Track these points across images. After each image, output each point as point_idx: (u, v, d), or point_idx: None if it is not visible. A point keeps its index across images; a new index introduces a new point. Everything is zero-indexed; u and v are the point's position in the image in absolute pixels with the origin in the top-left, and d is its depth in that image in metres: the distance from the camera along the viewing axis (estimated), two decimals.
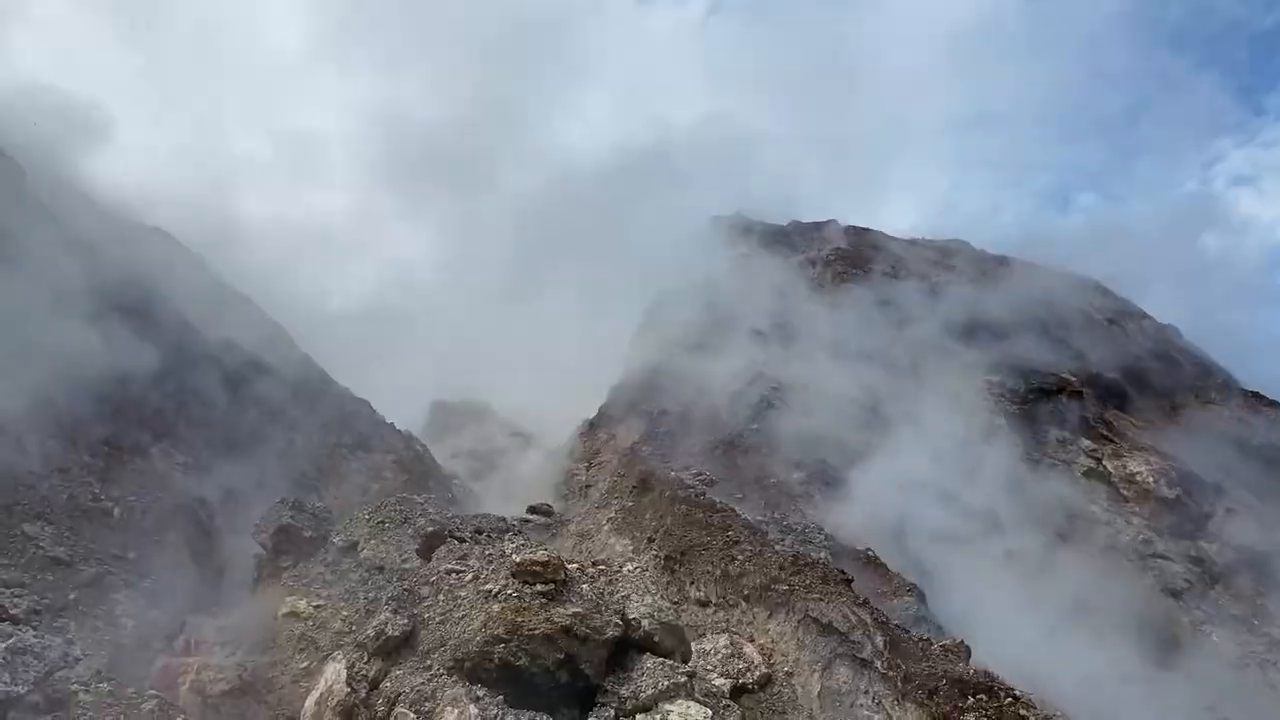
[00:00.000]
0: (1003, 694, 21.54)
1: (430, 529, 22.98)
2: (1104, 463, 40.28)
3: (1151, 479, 39.55)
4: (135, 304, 31.92)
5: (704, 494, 31.90)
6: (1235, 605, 35.73)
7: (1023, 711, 20.89)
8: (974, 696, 21.29)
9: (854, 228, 58.84)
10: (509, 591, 19.76)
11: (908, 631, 24.37)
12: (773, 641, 24.53)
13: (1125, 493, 39.30)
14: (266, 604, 22.77)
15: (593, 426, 42.94)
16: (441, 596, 20.45)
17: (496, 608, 19.27)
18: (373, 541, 23.79)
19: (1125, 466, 40.23)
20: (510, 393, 49.70)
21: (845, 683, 22.28)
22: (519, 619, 19.01)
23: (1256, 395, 48.06)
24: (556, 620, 19.22)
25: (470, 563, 21.38)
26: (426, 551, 22.61)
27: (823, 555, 29.02)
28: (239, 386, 34.09)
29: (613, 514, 33.03)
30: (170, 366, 31.33)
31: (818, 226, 58.76)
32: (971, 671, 22.50)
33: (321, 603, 22.01)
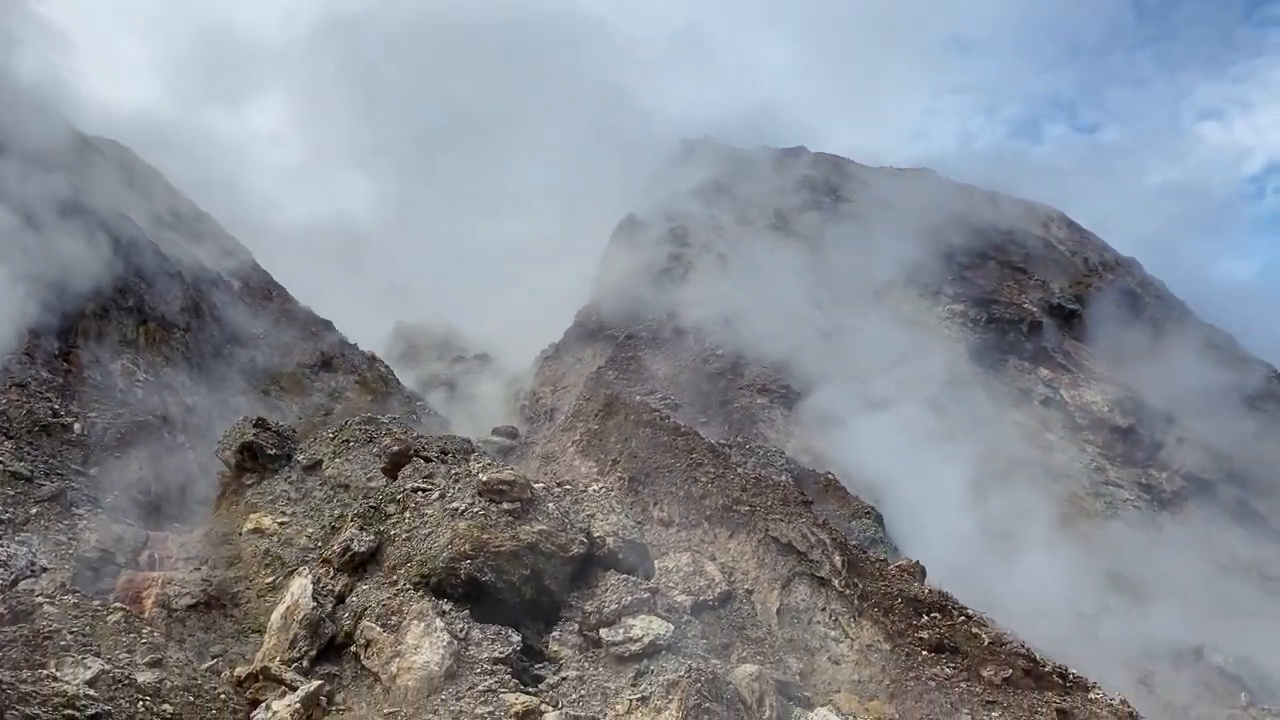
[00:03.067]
0: (956, 613, 22.24)
1: (396, 448, 22.92)
2: (1061, 392, 41.05)
3: (1106, 408, 40.42)
4: (92, 217, 31.17)
5: (668, 418, 32.19)
6: (1181, 530, 36.84)
7: (975, 629, 21.59)
8: (928, 615, 21.95)
9: (823, 154, 58.59)
10: (475, 509, 19.90)
11: (865, 552, 24.94)
12: (733, 560, 25.04)
13: (1080, 421, 40.13)
14: (230, 521, 22.79)
15: (558, 350, 42.98)
16: (408, 514, 20.54)
17: (463, 525, 19.44)
18: (337, 460, 23.74)
19: (1081, 395, 41.04)
20: (475, 315, 49.42)
21: (803, 600, 22.86)
22: (485, 536, 19.19)
23: (1211, 327, 48.99)
24: (523, 537, 19.42)
25: (436, 481, 21.44)
26: (392, 470, 22.62)
27: (784, 478, 29.51)
28: (199, 303, 33.61)
29: (578, 437, 33.29)
30: (129, 281, 30.76)
31: (787, 152, 58.41)
32: (926, 591, 23.15)
33: (286, 519, 22.05)
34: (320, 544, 20.95)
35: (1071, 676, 19.76)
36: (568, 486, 23.11)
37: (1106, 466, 38.64)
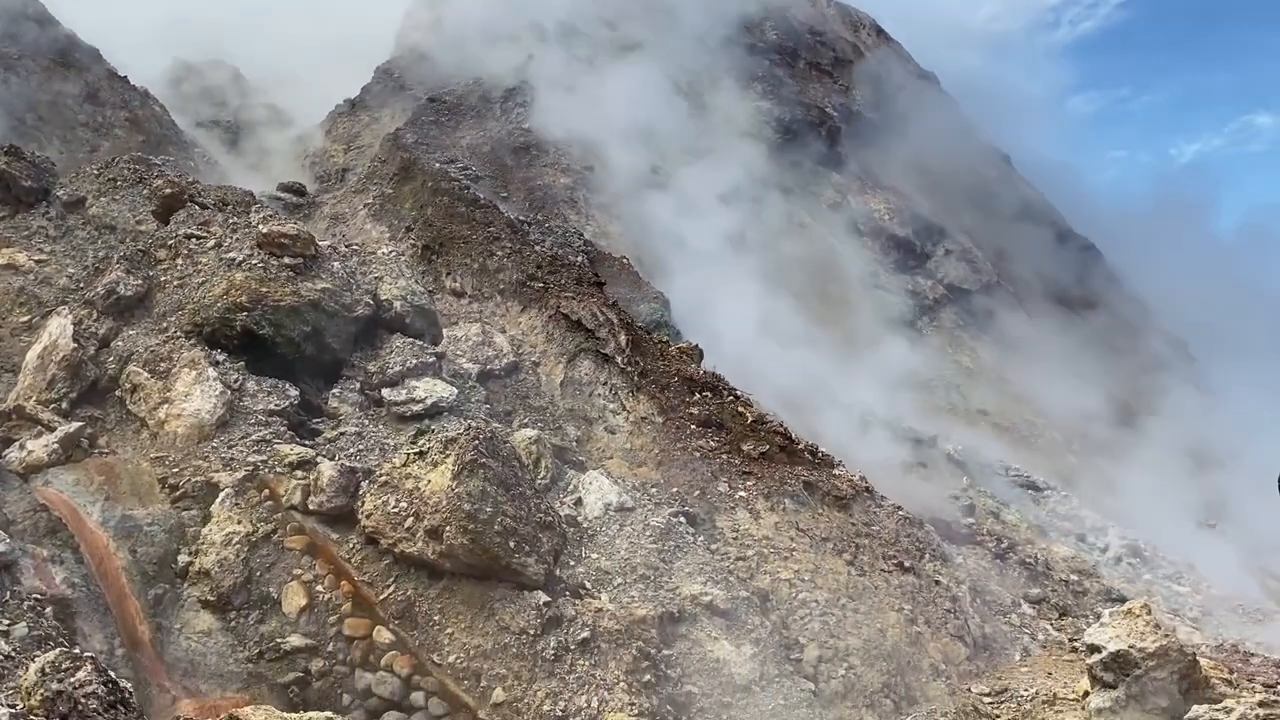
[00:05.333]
0: (725, 393, 23.67)
1: (168, 190, 21.44)
2: (849, 198, 42.76)
3: (887, 217, 42.55)
4: None
5: (468, 188, 31.50)
6: (936, 335, 40.13)
7: (740, 409, 23.11)
8: (700, 393, 23.26)
9: None
10: (254, 261, 19.19)
11: (650, 334, 25.89)
12: (523, 334, 25.44)
13: (862, 228, 42.18)
14: None
15: (354, 107, 40.69)
16: (180, 260, 19.57)
17: (240, 276, 18.74)
18: (103, 199, 22.04)
19: (866, 203, 42.92)
20: (263, 60, 45.49)
21: (587, 374, 23.67)
22: (264, 289, 18.63)
23: (990, 147, 51.76)
24: (304, 294, 18.98)
25: (213, 230, 20.41)
26: (164, 214, 21.28)
27: (580, 259, 29.81)
28: None
29: (370, 200, 32.19)
30: None
31: None
32: (701, 372, 24.44)
33: (44, 258, 20.47)
34: (83, 285, 19.72)
35: (820, 454, 21.63)
36: (355, 247, 22.55)
37: (880, 272, 41.08)
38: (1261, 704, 11.19)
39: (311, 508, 15.24)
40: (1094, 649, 13.15)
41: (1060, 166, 63.63)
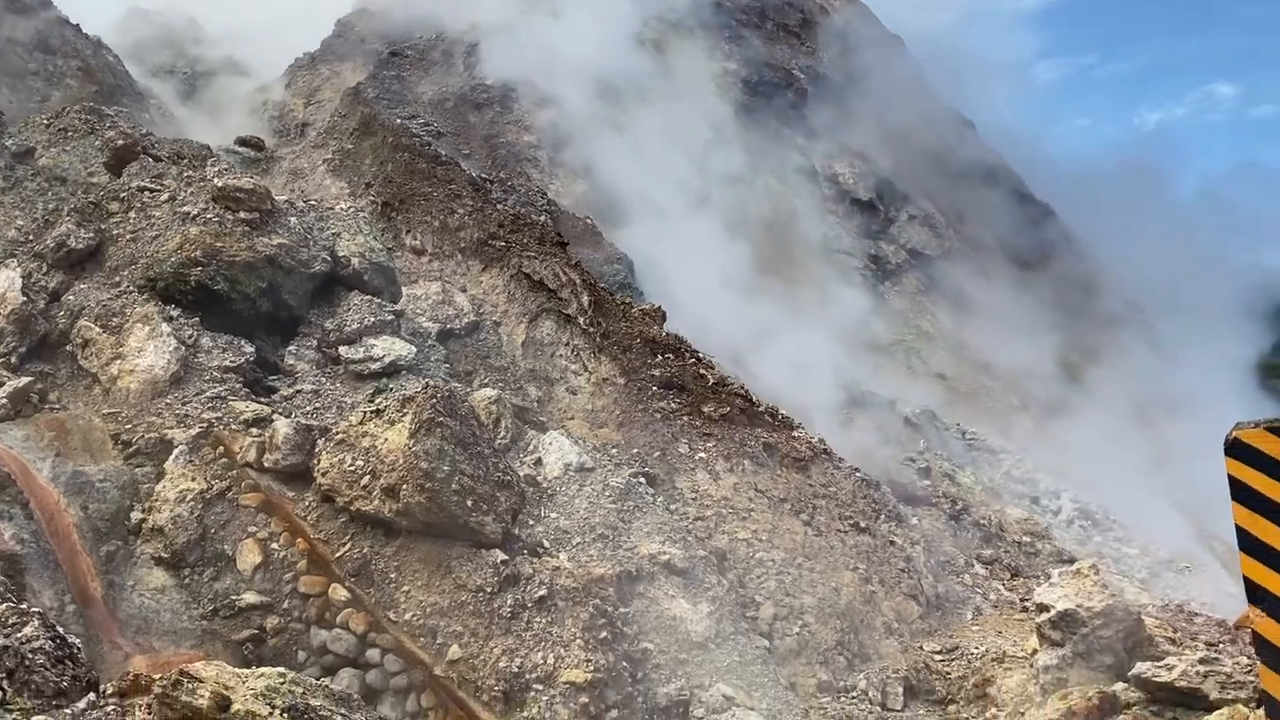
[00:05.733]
0: (687, 355, 23.70)
1: (121, 142, 20.96)
2: (814, 161, 42.69)
3: (852, 181, 42.54)
4: None
5: (430, 145, 31.13)
6: (898, 299, 40.35)
7: (702, 371, 23.16)
8: (662, 355, 23.27)
9: None
10: (209, 215, 18.88)
11: (613, 295, 25.80)
12: (484, 293, 25.28)
13: (827, 191, 42.17)
14: None
15: (314, 60, 39.95)
16: (133, 214, 19.19)
17: (194, 230, 18.43)
18: (53, 150, 21.50)
19: (832, 167, 42.87)
20: (221, 9, 44.56)
21: (548, 335, 23.61)
22: (219, 244, 18.33)
23: (956, 112, 51.82)
24: (260, 249, 18.71)
25: (166, 183, 20.01)
26: (116, 166, 20.82)
27: (543, 218, 29.60)
28: None
29: (330, 155, 31.75)
30: None
31: None
32: (664, 334, 24.45)
33: None
34: (32, 238, 19.29)
35: (780, 416, 21.76)
36: (313, 203, 22.22)
37: (843, 236, 41.13)
38: (1202, 661, 11.50)
39: (267, 465, 15.10)
40: (1043, 608, 13.41)
41: (1024, 133, 63.92)
